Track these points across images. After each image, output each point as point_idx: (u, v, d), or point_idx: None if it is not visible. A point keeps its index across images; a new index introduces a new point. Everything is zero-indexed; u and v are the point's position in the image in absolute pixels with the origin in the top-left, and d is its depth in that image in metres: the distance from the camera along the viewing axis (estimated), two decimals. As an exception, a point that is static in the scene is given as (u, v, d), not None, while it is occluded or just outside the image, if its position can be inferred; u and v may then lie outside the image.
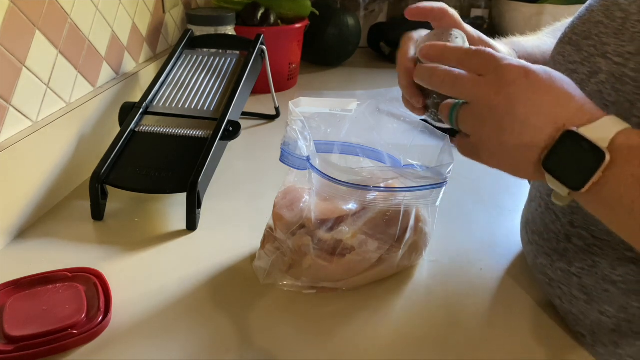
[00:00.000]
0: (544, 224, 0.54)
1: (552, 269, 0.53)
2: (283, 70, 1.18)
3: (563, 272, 0.51)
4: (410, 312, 0.55)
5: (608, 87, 0.44)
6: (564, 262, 0.51)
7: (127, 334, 0.51)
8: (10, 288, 0.54)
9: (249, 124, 1.02)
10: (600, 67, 0.45)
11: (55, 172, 0.72)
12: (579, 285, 0.49)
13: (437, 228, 0.63)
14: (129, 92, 0.90)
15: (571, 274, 0.50)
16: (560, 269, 0.51)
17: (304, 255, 0.56)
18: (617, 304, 0.47)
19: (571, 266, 0.50)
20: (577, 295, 0.50)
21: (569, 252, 0.50)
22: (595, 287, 0.48)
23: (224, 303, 0.55)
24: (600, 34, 0.47)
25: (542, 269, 0.55)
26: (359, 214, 0.57)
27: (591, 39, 0.47)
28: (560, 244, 0.51)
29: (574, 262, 0.50)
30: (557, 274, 0.52)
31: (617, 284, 0.46)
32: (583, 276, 0.49)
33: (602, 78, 0.45)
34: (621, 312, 0.47)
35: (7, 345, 0.48)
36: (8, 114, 0.64)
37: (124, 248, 0.64)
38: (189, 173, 0.69)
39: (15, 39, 0.64)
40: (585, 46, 0.48)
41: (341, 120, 0.62)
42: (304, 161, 0.54)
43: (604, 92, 0.45)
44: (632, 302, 0.46)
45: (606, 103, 0.44)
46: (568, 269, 0.50)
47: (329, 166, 0.53)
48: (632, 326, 0.46)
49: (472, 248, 0.66)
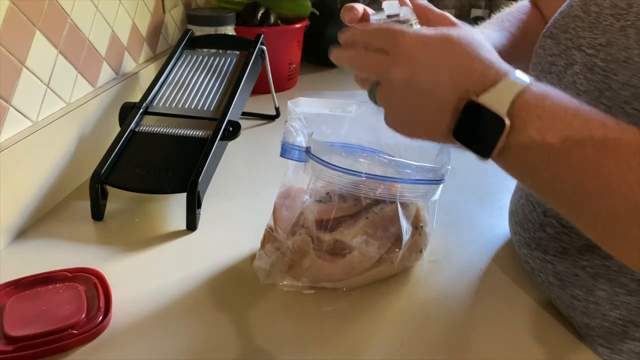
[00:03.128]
0: (524, 215, 0.57)
1: (531, 258, 0.56)
2: (283, 70, 1.18)
3: (540, 260, 0.54)
4: (410, 312, 0.55)
5: (581, 77, 0.46)
6: (540, 250, 0.54)
7: (127, 334, 0.51)
8: (10, 288, 0.54)
9: (249, 124, 1.02)
10: (575, 59, 0.47)
11: (55, 172, 0.72)
12: (553, 272, 0.52)
13: (437, 228, 0.63)
14: (129, 92, 0.90)
15: (547, 261, 0.53)
16: (538, 257, 0.54)
17: (304, 255, 0.56)
18: (585, 288, 0.49)
19: (546, 254, 0.53)
20: (552, 281, 0.53)
21: (543, 241, 0.53)
22: (566, 273, 0.51)
23: (224, 303, 0.55)
24: (576, 27, 0.48)
25: (525, 258, 0.58)
26: (359, 214, 0.57)
27: (569, 32, 0.49)
28: (537, 233, 0.54)
29: (548, 250, 0.52)
30: (536, 262, 0.55)
31: (586, 269, 0.49)
32: (556, 263, 0.52)
33: (577, 69, 0.47)
34: (589, 295, 0.49)
35: (7, 345, 0.48)
36: (8, 114, 0.64)
37: (124, 248, 0.64)
38: (189, 173, 0.69)
39: (15, 39, 0.64)
40: (563, 39, 0.50)
41: (341, 120, 0.62)
42: (304, 152, 0.54)
43: (577, 82, 0.46)
44: (598, 285, 0.48)
45: (579, 92, 0.46)
46: (544, 257, 0.53)
47: (328, 153, 0.53)
48: (599, 308, 0.49)
49: (472, 248, 0.66)
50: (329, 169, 0.54)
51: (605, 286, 0.48)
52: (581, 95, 0.45)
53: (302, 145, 0.55)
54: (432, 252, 0.63)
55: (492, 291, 0.59)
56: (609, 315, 0.48)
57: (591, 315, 0.49)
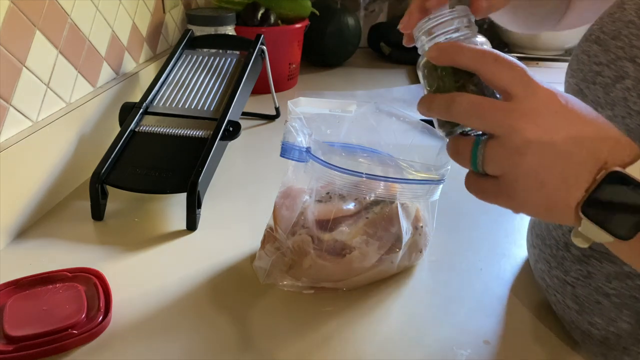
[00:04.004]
0: (547, 229, 0.53)
1: (549, 275, 0.52)
2: (283, 70, 1.18)
3: (559, 280, 0.50)
4: (410, 312, 0.55)
5: (634, 94, 0.40)
6: (560, 270, 0.50)
7: (127, 334, 0.51)
8: (10, 288, 0.54)
9: (249, 124, 1.02)
10: (628, 71, 0.41)
11: (55, 172, 0.72)
12: (572, 295, 0.49)
13: (437, 228, 0.63)
14: (129, 92, 0.90)
15: (566, 282, 0.49)
16: (557, 277, 0.50)
17: (304, 255, 0.56)
18: (607, 317, 0.46)
19: (567, 275, 0.49)
20: (569, 304, 0.49)
21: (567, 261, 0.49)
22: (587, 298, 0.47)
23: (224, 303, 0.55)
24: (630, 35, 0.42)
25: (540, 273, 0.54)
26: (359, 214, 0.57)
27: (620, 40, 0.43)
28: (560, 252, 0.50)
29: (570, 272, 0.48)
30: (554, 281, 0.51)
31: (610, 297, 0.45)
32: (577, 286, 0.48)
33: (629, 84, 0.41)
34: (610, 326, 0.46)
35: (7, 345, 0.48)
36: (8, 114, 0.64)
37: (124, 248, 0.64)
38: (189, 173, 0.69)
39: (15, 39, 0.64)
40: (613, 47, 0.43)
41: (341, 120, 0.62)
42: (304, 152, 0.54)
43: (629, 100, 0.41)
44: (622, 317, 0.45)
45: (630, 112, 0.40)
46: (564, 278, 0.49)
47: (329, 153, 0.53)
48: (620, 340, 0.46)
49: (472, 248, 0.66)
50: (329, 169, 0.54)
51: (631, 319, 0.44)
52: (633, 116, 0.40)
53: (303, 145, 0.55)
54: (432, 252, 0.63)
55: (492, 291, 0.59)
56: (630, 349, 0.45)
57: (610, 346, 0.46)
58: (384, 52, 1.46)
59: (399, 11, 1.58)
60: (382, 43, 1.47)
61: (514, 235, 0.66)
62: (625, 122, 0.41)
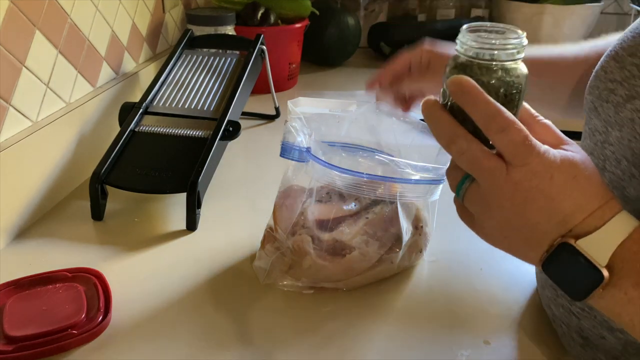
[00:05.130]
0: None
1: (555, 304, 0.50)
2: (283, 70, 1.18)
3: (564, 309, 0.49)
4: (410, 312, 0.55)
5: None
6: (565, 299, 0.48)
7: (127, 334, 0.51)
8: (10, 288, 0.54)
9: (249, 124, 1.02)
10: (639, 91, 0.40)
11: (55, 172, 0.72)
12: (578, 327, 0.47)
13: (437, 228, 0.63)
14: (129, 92, 0.90)
15: (572, 313, 0.48)
16: (562, 306, 0.49)
17: (304, 255, 0.56)
18: (611, 354, 0.45)
19: (572, 304, 0.48)
20: (575, 337, 0.48)
21: None
22: (592, 332, 0.46)
23: (224, 303, 0.55)
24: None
25: (547, 301, 0.53)
26: (359, 214, 0.57)
27: (636, 57, 0.41)
28: None
29: (575, 302, 0.47)
30: (560, 310, 0.50)
31: (615, 333, 0.44)
32: (582, 318, 0.46)
33: (638, 105, 0.40)
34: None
35: (7, 345, 0.48)
36: (8, 114, 0.64)
37: (124, 248, 0.64)
38: (189, 173, 0.69)
39: (15, 39, 0.64)
40: (628, 64, 0.42)
41: (341, 120, 0.62)
42: (304, 152, 0.54)
43: (635, 122, 0.40)
44: (627, 355, 0.44)
45: (636, 136, 0.39)
46: (569, 308, 0.48)
47: (329, 153, 0.53)
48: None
49: (472, 248, 0.66)
50: (329, 170, 0.54)
51: (637, 358, 0.43)
52: (638, 140, 0.39)
53: (303, 145, 0.55)
54: (432, 252, 0.63)
55: (492, 291, 0.59)
56: None
57: None
58: (384, 52, 1.46)
59: (399, 11, 1.58)
60: (382, 43, 1.47)
61: (514, 235, 0.66)
62: (630, 145, 0.40)
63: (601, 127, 0.43)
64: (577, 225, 0.36)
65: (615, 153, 0.42)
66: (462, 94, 0.37)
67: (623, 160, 0.41)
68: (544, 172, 0.36)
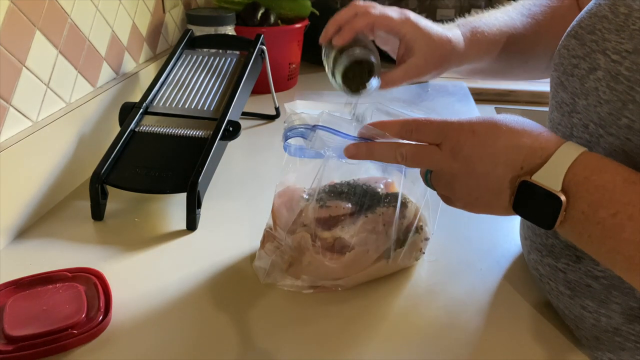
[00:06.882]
0: None
1: (542, 264, 0.54)
2: (283, 70, 1.18)
3: (551, 267, 0.52)
4: (410, 312, 0.55)
5: (604, 84, 0.44)
6: (551, 257, 0.52)
7: (127, 334, 0.51)
8: (10, 288, 0.54)
9: (249, 124, 1.02)
10: (599, 63, 0.45)
11: (55, 172, 0.72)
12: (564, 281, 0.51)
13: (437, 228, 0.63)
14: (129, 92, 0.90)
15: (558, 269, 0.51)
16: (549, 265, 0.53)
17: (304, 252, 0.56)
18: (597, 299, 0.48)
19: (558, 262, 0.51)
20: (562, 290, 0.51)
21: (556, 248, 0.51)
22: (578, 282, 0.49)
23: (224, 303, 0.55)
24: (603, 29, 0.45)
25: (534, 264, 0.56)
26: (358, 212, 0.57)
27: (594, 34, 0.46)
28: (549, 240, 0.52)
29: (561, 258, 0.51)
30: (546, 269, 0.53)
31: (599, 279, 0.47)
32: (568, 271, 0.50)
33: (600, 75, 0.44)
34: (601, 307, 0.48)
35: (7, 345, 0.48)
36: (8, 114, 0.64)
37: (124, 248, 0.64)
38: (189, 173, 0.69)
39: (15, 39, 0.64)
40: (588, 41, 0.47)
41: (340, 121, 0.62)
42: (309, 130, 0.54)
43: (599, 90, 0.44)
44: (612, 298, 0.47)
45: (600, 101, 0.44)
46: (555, 265, 0.52)
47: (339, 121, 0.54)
48: (611, 321, 0.47)
49: (472, 248, 0.66)
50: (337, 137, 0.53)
51: (620, 299, 0.46)
52: (602, 105, 0.43)
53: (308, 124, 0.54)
54: (432, 252, 0.63)
55: (491, 291, 0.59)
56: (621, 329, 0.46)
57: (602, 328, 0.48)
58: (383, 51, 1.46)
59: (399, 11, 1.58)
60: (382, 43, 1.46)
61: (514, 235, 0.66)
62: (597, 110, 0.44)
63: (568, 99, 0.48)
64: (525, 160, 0.42)
65: (582, 120, 0.46)
66: (361, 151, 0.50)
67: (590, 124, 0.45)
68: (465, 132, 0.45)
